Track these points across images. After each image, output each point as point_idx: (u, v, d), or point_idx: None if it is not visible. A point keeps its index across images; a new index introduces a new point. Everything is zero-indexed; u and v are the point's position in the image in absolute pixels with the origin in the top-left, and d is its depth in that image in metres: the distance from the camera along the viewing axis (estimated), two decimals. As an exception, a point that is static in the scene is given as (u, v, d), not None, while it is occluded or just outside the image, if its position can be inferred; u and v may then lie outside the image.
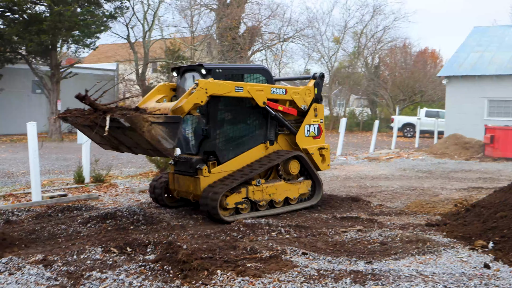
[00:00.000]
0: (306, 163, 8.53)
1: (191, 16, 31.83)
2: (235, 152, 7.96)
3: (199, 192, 7.53)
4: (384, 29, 40.21)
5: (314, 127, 8.81)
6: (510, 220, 6.31)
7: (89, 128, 6.93)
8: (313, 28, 38.49)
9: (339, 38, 40.22)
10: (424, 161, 17.66)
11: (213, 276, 4.89)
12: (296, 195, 8.38)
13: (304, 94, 8.60)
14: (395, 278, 4.94)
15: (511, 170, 9.59)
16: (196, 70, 7.99)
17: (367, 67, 41.02)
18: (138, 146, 6.90)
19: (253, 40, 33.89)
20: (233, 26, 31.82)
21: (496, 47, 25.99)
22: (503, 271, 5.23)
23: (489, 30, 28.82)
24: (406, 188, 11.05)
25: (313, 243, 6.25)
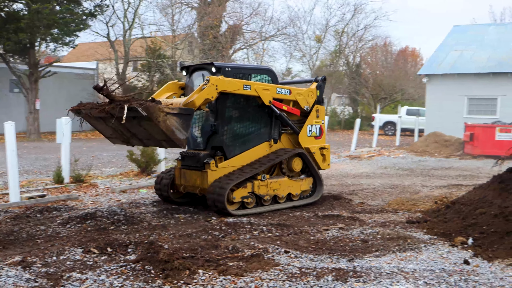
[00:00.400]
0: (308, 161, 8.83)
1: (172, 15, 31.65)
2: (241, 148, 8.26)
3: (206, 186, 7.80)
4: (365, 28, 40.47)
5: (316, 128, 9.16)
6: (489, 216, 6.38)
7: (102, 120, 7.25)
8: (294, 27, 38.60)
9: (321, 37, 40.38)
10: (405, 159, 17.82)
11: (194, 276, 4.86)
12: (298, 191, 8.63)
13: (307, 96, 8.97)
14: (376, 275, 4.96)
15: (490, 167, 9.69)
16: (206, 69, 8.29)
17: (349, 66, 41.23)
18: (151, 138, 7.15)
19: (234, 38, 33.82)
20: (215, 24, 31.70)
21: (475, 45, 26.33)
22: (482, 266, 5.29)
23: (469, 29, 29.20)
24: (387, 186, 11.13)
25: (295, 241, 6.26)
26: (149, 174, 11.72)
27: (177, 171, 8.45)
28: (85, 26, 24.75)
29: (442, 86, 24.75)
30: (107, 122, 7.25)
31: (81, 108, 7.40)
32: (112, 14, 28.39)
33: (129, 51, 28.60)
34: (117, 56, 28.59)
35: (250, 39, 35.04)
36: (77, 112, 7.49)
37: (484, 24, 31.46)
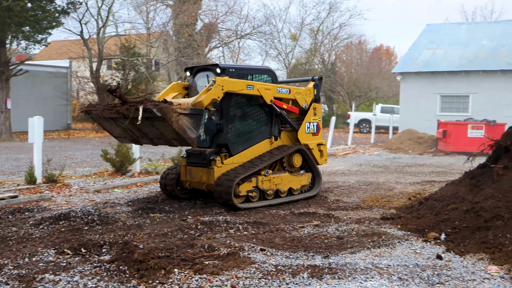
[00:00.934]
0: (308, 157, 9.30)
1: (146, 13, 31.42)
2: (244, 145, 8.63)
3: (212, 182, 8.14)
4: (340, 26, 40.80)
5: (314, 125, 9.61)
6: (461, 212, 6.50)
7: (113, 120, 7.62)
8: (270, 25, 38.69)
9: (296, 35, 40.55)
10: (379, 156, 18.02)
11: (170, 275, 4.83)
12: (298, 186, 9.03)
13: (305, 94, 9.41)
14: (351, 271, 5.01)
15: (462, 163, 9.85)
16: (210, 70, 8.68)
17: (324, 64, 41.50)
18: (162, 137, 7.51)
19: (210, 37, 33.74)
20: (190, 22, 31.57)
21: (448, 44, 26.76)
22: (454, 261, 5.38)
23: (441, 28, 29.66)
24: (362, 183, 11.24)
25: (271, 239, 6.27)
26: (124, 173, 11.60)
27: (183, 168, 8.73)
28: (57, 24, 24.34)
29: (415, 84, 25.10)
30: (117, 122, 7.63)
31: (91, 109, 7.78)
32: (86, 12, 28.02)
33: (103, 49, 28.25)
34: (90, 55, 28.21)
35: (225, 37, 35.00)
36: (87, 112, 7.87)
37: (456, 23, 32.03)
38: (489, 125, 18.61)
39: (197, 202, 8.73)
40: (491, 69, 23.40)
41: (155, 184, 10.65)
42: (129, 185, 10.52)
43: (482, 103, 23.37)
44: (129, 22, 41.44)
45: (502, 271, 5.01)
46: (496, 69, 23.28)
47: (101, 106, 7.73)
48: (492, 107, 22.84)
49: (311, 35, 41.52)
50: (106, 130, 8.29)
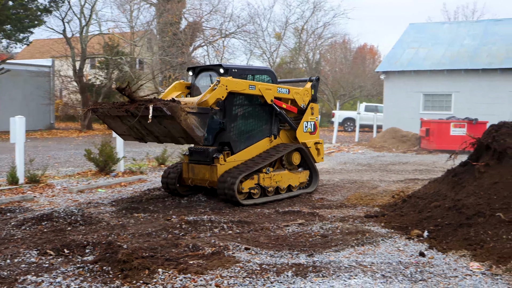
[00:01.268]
0: (306, 155, 9.64)
1: (130, 11, 31.19)
2: (245, 144, 8.90)
3: (215, 179, 8.39)
4: (324, 26, 40.93)
5: (311, 124, 9.94)
6: (443, 209, 6.57)
7: (119, 118, 7.84)
8: (254, 24, 38.68)
9: (280, 34, 40.59)
10: (363, 154, 18.13)
11: (154, 275, 4.81)
12: (297, 183, 9.38)
13: (303, 94, 9.73)
14: (335, 269, 5.04)
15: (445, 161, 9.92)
16: (213, 70, 8.95)
17: (308, 63, 41.62)
18: (168, 135, 7.72)
19: (194, 35, 33.60)
20: (174, 21, 31.42)
21: (430, 43, 27.00)
22: (437, 258, 5.44)
23: (424, 27, 29.91)
24: (347, 181, 11.30)
25: (255, 238, 6.28)
26: (107, 173, 11.52)
27: (185, 165, 8.94)
28: (39, 22, 24.07)
29: (399, 83, 25.28)
30: (124, 121, 7.83)
31: (98, 107, 8.01)
32: (68, 10, 27.67)
33: (86, 48, 27.98)
34: (73, 53, 27.91)
35: (210, 36, 34.90)
36: (93, 111, 8.07)
37: (438, 22, 32.33)
38: (471, 123, 18.81)
39: (182, 201, 8.70)
40: (473, 68, 23.67)
41: (140, 184, 10.60)
42: (113, 185, 10.45)
43: (464, 101, 23.63)
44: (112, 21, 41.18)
45: (483, 267, 5.08)
46: (477, 68, 23.55)
47: (108, 104, 7.92)
48: (474, 105, 23.11)
49: (295, 34, 41.63)
50: (110, 127, 8.52)
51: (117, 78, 29.17)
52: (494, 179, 6.56)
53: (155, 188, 9.85)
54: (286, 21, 40.70)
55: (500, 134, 7.05)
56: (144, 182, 10.89)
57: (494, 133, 7.18)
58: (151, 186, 10.26)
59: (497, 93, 23.16)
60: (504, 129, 7.13)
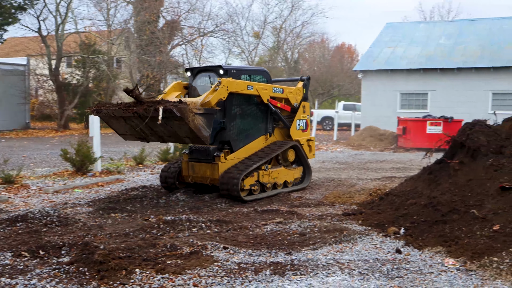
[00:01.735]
0: (300, 152, 9.99)
1: (107, 9, 30.84)
2: (244, 142, 9.18)
3: (217, 176, 8.65)
4: (303, 25, 41.11)
5: (303, 122, 10.28)
6: (419, 207, 6.65)
7: (123, 119, 8.09)
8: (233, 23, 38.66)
9: (259, 33, 40.63)
10: (342, 153, 18.26)
11: (131, 275, 4.77)
12: (292, 179, 9.75)
13: (296, 94, 10.08)
14: (313, 267, 5.06)
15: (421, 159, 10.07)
16: (213, 71, 9.22)
17: (287, 62, 41.75)
18: (174, 135, 7.96)
19: (172, 34, 33.42)
20: (152, 20, 31.18)
21: (407, 42, 27.34)
22: (413, 255, 5.51)
23: (400, 26, 30.27)
24: (325, 179, 11.36)
25: (234, 237, 6.27)
26: (84, 173, 11.39)
27: (185, 163, 9.16)
28: (13, 20, 23.68)
29: (376, 82, 25.54)
30: (128, 121, 8.05)
31: (102, 108, 8.24)
32: (43, 8, 27.26)
33: (62, 46, 27.59)
34: (49, 52, 27.51)
35: (188, 35, 34.75)
36: (97, 112, 8.29)
37: (415, 22, 32.74)
38: (446, 121, 19.10)
39: (160, 201, 8.65)
40: (448, 67, 24.04)
41: (117, 184, 10.50)
42: (90, 185, 10.34)
43: (440, 100, 24.00)
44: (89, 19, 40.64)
45: (458, 263, 5.16)
46: (452, 67, 23.93)
47: (113, 106, 8.14)
48: (450, 104, 23.49)
49: (273, 33, 41.73)
50: (112, 128, 8.70)
51: (94, 77, 28.84)
52: (468, 177, 6.68)
53: (133, 188, 9.78)
54: (264, 20, 40.81)
55: (474, 132, 7.18)
56: (121, 182, 10.80)
57: (468, 131, 7.30)
58: (129, 186, 10.18)
59: (471, 92, 23.57)
60: (478, 127, 7.25)
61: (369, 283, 4.65)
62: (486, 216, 5.76)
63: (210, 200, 8.66)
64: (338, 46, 51.50)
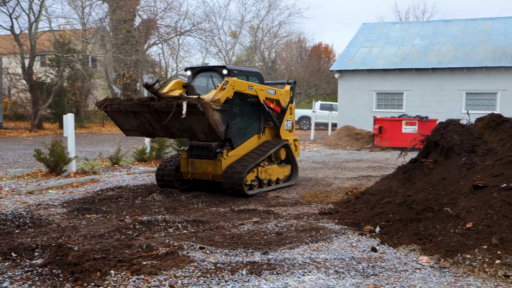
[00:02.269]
0: (289, 151, 10.43)
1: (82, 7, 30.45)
2: (242, 140, 9.55)
3: (219, 172, 9.00)
4: (280, 24, 41.20)
5: (290, 123, 10.77)
6: (394, 205, 6.72)
7: (133, 114, 8.32)
8: (210, 22, 38.53)
9: (236, 33, 40.59)
10: (319, 152, 18.36)
11: (106, 277, 4.71)
12: (283, 176, 10.25)
13: (285, 96, 10.58)
14: (289, 266, 5.07)
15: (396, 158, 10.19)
16: (215, 71, 9.51)
17: (264, 62, 41.80)
18: (187, 130, 8.18)
19: (149, 33, 33.16)
20: (128, 18, 30.90)
21: (383, 42, 27.61)
22: (388, 253, 5.57)
23: (376, 27, 30.55)
24: (302, 179, 11.40)
25: (210, 237, 6.25)
26: (58, 174, 11.21)
27: (184, 160, 9.40)
28: (-15, 18, 23.15)
29: (352, 82, 25.74)
30: (138, 116, 8.30)
31: (111, 103, 8.41)
32: (16, 6, 26.76)
33: (35, 45, 27.12)
34: (22, 50, 27.01)
35: (165, 34, 34.52)
36: (104, 106, 8.44)
37: (390, 22, 33.09)
38: (422, 121, 19.35)
39: (136, 201, 8.57)
40: (423, 67, 24.36)
41: (92, 184, 10.37)
42: (64, 185, 10.18)
43: (416, 100, 24.30)
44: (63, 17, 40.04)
45: (432, 261, 5.23)
46: (427, 67, 24.25)
47: (125, 101, 8.43)
48: (425, 103, 23.81)
49: (251, 32, 41.74)
50: (118, 123, 8.86)
51: (68, 76, 28.43)
52: (442, 175, 6.77)
53: (109, 189, 9.66)
54: (241, 20, 40.78)
55: (448, 131, 7.28)
56: (97, 182, 10.67)
57: (442, 131, 7.40)
58: (104, 186, 10.06)
59: (446, 92, 23.94)
60: (451, 127, 7.36)
61: (344, 282, 4.68)
62: (459, 214, 5.85)
63: (187, 200, 8.63)
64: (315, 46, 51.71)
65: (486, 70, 23.27)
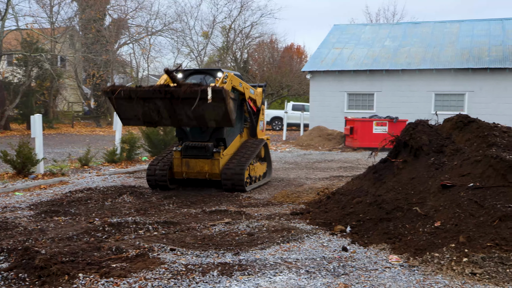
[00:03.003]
0: (267, 149, 11.02)
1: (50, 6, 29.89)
2: (231, 139, 9.83)
3: (217, 171, 9.31)
4: (252, 25, 41.24)
5: (262, 123, 11.16)
6: (365, 205, 6.79)
7: (142, 101, 8.28)
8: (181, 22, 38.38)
9: (208, 33, 40.46)
10: (291, 152, 18.43)
11: (74, 280, 4.62)
12: (262, 173, 10.75)
13: (260, 96, 10.92)
14: (261, 267, 5.06)
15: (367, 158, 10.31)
16: (208, 74, 9.60)
17: (236, 62, 41.75)
18: (198, 118, 8.28)
19: (119, 33, 32.76)
20: (98, 17, 30.49)
21: (353, 44, 27.90)
22: (358, 252, 5.61)
23: (348, 28, 30.86)
24: (274, 179, 11.43)
25: (181, 239, 6.19)
26: (26, 175, 10.97)
27: (178, 160, 9.51)
28: (-51, 16, 22.52)
29: (324, 82, 25.94)
30: (147, 104, 8.27)
31: (124, 88, 8.33)
32: (-18, 4, 26.13)
33: (2, 44, 26.50)
34: (-12, 49, 26.36)
35: (135, 34, 34.18)
36: (112, 92, 8.30)
37: (361, 24, 33.46)
38: (392, 121, 19.62)
39: (105, 203, 8.44)
40: (393, 68, 24.71)
41: (61, 186, 10.18)
42: (31, 187, 9.96)
43: (386, 100, 24.64)
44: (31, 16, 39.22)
45: (401, 259, 5.29)
46: (397, 68, 24.61)
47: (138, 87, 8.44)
48: (395, 104, 24.16)
49: (223, 33, 41.66)
50: (120, 110, 8.65)
51: (36, 76, 27.87)
52: (411, 175, 6.87)
53: (78, 190, 9.50)
54: (213, 20, 40.69)
55: (417, 131, 7.39)
56: (65, 184, 10.47)
57: (411, 131, 7.51)
58: (73, 188, 9.88)
59: (415, 93, 24.34)
60: (420, 127, 7.48)
61: (315, 281, 4.70)
62: (428, 213, 5.94)
63: (158, 201, 8.55)
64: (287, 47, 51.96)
65: (454, 72, 23.75)
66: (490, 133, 6.82)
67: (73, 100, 38.98)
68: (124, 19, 33.08)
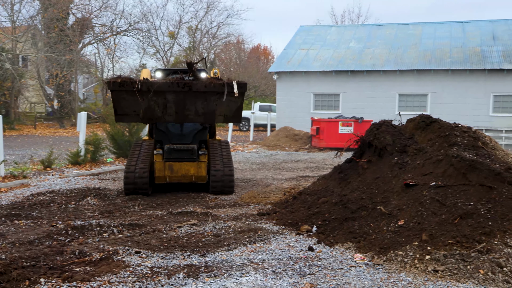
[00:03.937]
0: None
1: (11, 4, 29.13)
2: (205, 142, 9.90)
3: (203, 174, 9.25)
4: (218, 25, 41.16)
5: None
6: (331, 205, 6.85)
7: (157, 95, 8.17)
8: (147, 22, 37.97)
9: (174, 33, 40.18)
10: (258, 153, 18.45)
11: (35, 285, 4.51)
12: None
13: None
14: (227, 268, 5.05)
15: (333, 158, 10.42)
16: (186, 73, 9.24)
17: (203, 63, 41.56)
18: (207, 113, 8.40)
19: (83, 32, 32.20)
20: (61, 16, 29.88)
21: (319, 45, 28.16)
22: (324, 252, 5.66)
23: (313, 29, 31.12)
24: (240, 180, 11.41)
25: (147, 241, 6.12)
26: (-15, 178, 10.65)
27: (160, 164, 9.18)
28: None
29: (290, 83, 26.09)
30: (159, 98, 8.18)
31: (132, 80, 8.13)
32: None
33: (-40, 42, 25.71)
34: None
35: (100, 33, 33.64)
36: (120, 84, 8.03)
37: (327, 26, 33.79)
38: (357, 122, 19.88)
39: (68, 206, 8.27)
40: (358, 69, 25.05)
41: (22, 189, 9.92)
42: (-9, 190, 9.68)
43: (351, 101, 24.96)
44: (-9, 14, 38.17)
45: (366, 258, 5.36)
46: (362, 69, 24.96)
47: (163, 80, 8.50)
48: (360, 105, 24.50)
49: (189, 33, 41.45)
50: (119, 105, 8.36)
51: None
52: (375, 175, 6.97)
53: (40, 193, 9.27)
54: (179, 20, 40.46)
55: (381, 132, 7.50)
56: (27, 186, 10.21)
57: (375, 131, 7.62)
58: (35, 190, 9.64)
59: (380, 93, 24.73)
60: (384, 127, 7.59)
61: (282, 282, 4.71)
62: (391, 212, 6.04)
63: (123, 203, 8.42)
64: (254, 48, 52.14)
65: (417, 73, 24.24)
66: (451, 133, 6.98)
67: (36, 100, 38.10)
68: (88, 18, 32.53)
